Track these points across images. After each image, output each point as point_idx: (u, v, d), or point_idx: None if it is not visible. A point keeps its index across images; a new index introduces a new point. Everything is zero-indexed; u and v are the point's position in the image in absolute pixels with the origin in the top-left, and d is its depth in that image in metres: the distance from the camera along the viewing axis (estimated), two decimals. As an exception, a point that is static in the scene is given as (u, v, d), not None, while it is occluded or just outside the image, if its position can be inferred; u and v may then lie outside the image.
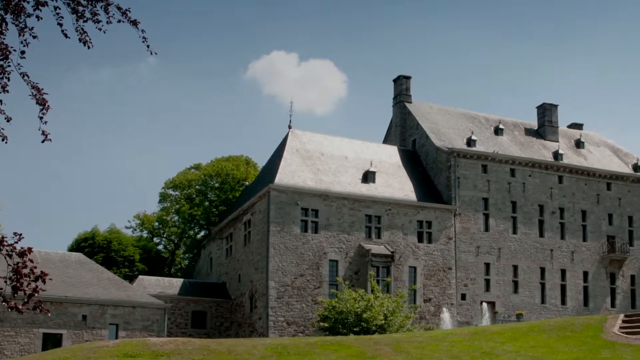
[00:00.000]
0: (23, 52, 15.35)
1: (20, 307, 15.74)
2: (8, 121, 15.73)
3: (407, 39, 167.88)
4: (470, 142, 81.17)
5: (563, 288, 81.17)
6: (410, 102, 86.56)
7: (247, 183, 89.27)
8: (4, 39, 15.25)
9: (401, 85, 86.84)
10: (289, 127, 78.51)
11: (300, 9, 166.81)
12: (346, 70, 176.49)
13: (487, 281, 77.68)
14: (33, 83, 15.32)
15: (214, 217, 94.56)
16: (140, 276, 77.79)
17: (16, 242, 15.57)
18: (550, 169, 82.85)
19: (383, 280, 70.78)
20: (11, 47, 15.30)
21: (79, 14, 15.41)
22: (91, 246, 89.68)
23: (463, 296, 76.07)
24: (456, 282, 76.01)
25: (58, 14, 15.30)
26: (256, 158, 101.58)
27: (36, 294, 15.44)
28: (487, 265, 77.91)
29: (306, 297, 69.98)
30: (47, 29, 16.50)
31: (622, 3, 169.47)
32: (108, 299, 61.33)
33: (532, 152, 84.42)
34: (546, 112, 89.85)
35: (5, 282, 15.78)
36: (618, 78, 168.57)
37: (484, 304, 75.94)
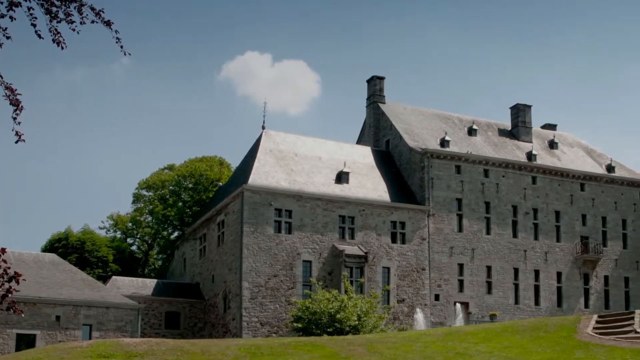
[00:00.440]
0: (-4, 53, 15.30)
1: (-7, 308, 15.68)
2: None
3: (381, 40, 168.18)
4: (443, 143, 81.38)
5: (537, 289, 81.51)
6: (383, 103, 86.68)
7: (221, 184, 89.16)
8: (-23, 40, 15.19)
9: (375, 85, 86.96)
10: (263, 128, 78.47)
11: (273, 10, 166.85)
12: (319, 70, 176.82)
13: (461, 282, 77.90)
14: (6, 83, 15.24)
15: (188, 218, 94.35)
16: (113, 277, 77.60)
17: (-11, 243, 15.53)
18: (523, 170, 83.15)
19: (357, 280, 70.80)
20: (-16, 48, 15.25)
21: (53, 15, 15.35)
22: (65, 247, 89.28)
23: (437, 297, 76.24)
24: (430, 283, 76.18)
25: (31, 15, 15.24)
26: (230, 159, 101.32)
27: (9, 295, 15.35)
28: (461, 265, 78.13)
29: (280, 298, 69.98)
30: (21, 30, 16.47)
31: (595, 4, 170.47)
32: (82, 300, 61.17)
33: (506, 153, 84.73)
34: (520, 113, 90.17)
35: (-22, 283, 15.70)
36: (592, 79, 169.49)
37: (458, 305, 76.13)
